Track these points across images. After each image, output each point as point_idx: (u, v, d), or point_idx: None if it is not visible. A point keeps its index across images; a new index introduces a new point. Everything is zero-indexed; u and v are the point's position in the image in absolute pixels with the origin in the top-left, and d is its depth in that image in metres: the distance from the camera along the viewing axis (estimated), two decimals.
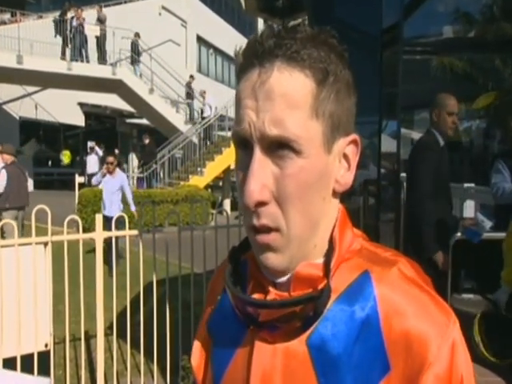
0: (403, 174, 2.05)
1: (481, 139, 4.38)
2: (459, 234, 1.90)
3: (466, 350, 0.32)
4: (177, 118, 10.05)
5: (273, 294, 0.35)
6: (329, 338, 0.33)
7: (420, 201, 1.75)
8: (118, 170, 4.25)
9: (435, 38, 2.89)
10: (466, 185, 3.18)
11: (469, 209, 3.08)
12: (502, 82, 3.92)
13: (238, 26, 17.21)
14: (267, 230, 0.33)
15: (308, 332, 0.33)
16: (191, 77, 10.74)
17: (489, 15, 3.37)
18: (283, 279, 0.35)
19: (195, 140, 8.59)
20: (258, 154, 0.32)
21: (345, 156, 0.35)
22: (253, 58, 0.33)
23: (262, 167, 0.32)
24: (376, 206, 1.65)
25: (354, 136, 0.36)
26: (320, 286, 0.33)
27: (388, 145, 1.94)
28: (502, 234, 1.89)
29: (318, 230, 0.35)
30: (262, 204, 0.32)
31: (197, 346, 0.43)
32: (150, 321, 1.83)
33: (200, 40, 15.99)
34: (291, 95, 0.32)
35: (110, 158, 4.12)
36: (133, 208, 4.28)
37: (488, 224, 1.83)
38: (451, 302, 1.90)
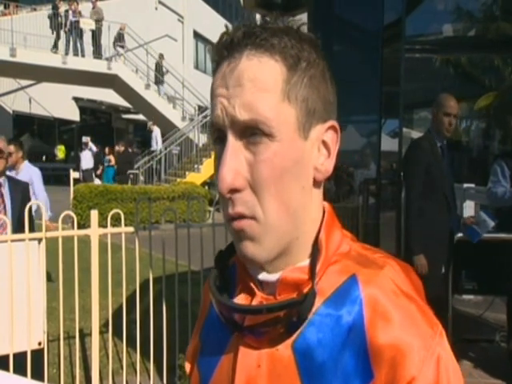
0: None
1: (481, 139, 4.42)
2: (460, 234, 1.90)
3: (454, 363, 0.31)
4: (173, 114, 9.96)
5: (259, 297, 0.35)
6: (314, 343, 0.32)
7: (409, 201, 1.77)
8: (25, 163, 2.98)
9: (435, 36, 2.89)
10: (465, 185, 3.20)
11: (468, 209, 3.11)
12: (502, 82, 3.94)
13: (235, 22, 17.03)
14: (243, 218, 0.32)
15: (294, 336, 0.33)
16: None
17: (489, 14, 3.37)
18: (269, 279, 0.35)
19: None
20: (231, 141, 0.32)
21: (324, 143, 0.34)
22: (223, 50, 0.33)
23: (234, 154, 0.32)
24: (376, 205, 1.65)
25: (332, 122, 0.35)
26: (305, 290, 0.33)
27: (386, 144, 1.93)
28: (502, 235, 1.89)
29: (300, 221, 0.34)
30: (235, 191, 0.32)
31: (190, 353, 0.43)
32: (146, 319, 1.82)
33: (197, 36, 15.84)
34: (260, 79, 0.31)
35: (10, 148, 2.61)
36: (46, 213, 2.54)
37: (490, 224, 1.83)
38: (452, 303, 1.90)
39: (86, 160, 8.69)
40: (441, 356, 0.29)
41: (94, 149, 8.99)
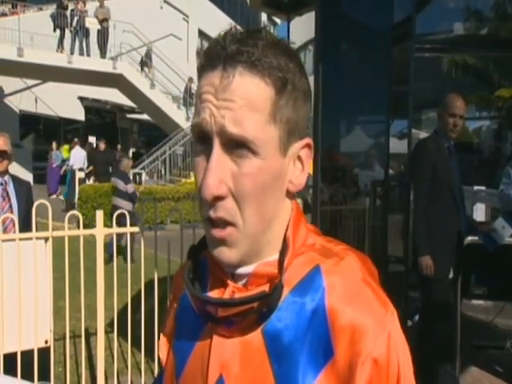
0: None
1: (492, 141, 4.34)
2: (470, 238, 1.86)
3: (403, 340, 0.35)
4: (178, 114, 9.98)
5: (231, 287, 0.38)
6: (282, 328, 0.35)
7: (414, 201, 1.75)
8: None
9: (446, 35, 2.84)
10: (476, 187, 3.14)
11: (479, 212, 3.05)
12: None
13: (240, 21, 17.04)
14: (223, 223, 0.35)
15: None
16: None
17: (501, 13, 3.30)
18: (241, 271, 0.37)
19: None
20: (217, 150, 0.34)
21: (299, 158, 0.38)
22: (216, 61, 0.34)
23: (220, 163, 0.34)
24: (384, 207, 1.62)
25: (307, 140, 0.38)
26: (274, 282, 0.36)
27: (395, 145, 1.89)
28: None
29: (271, 227, 0.37)
30: (219, 198, 0.34)
31: (164, 340, 0.45)
32: (151, 319, 1.81)
33: (202, 35, 15.85)
34: (251, 99, 0.34)
35: None
36: None
37: (509, 231, 1.79)
38: (461, 308, 1.86)
39: (76, 159, 7.79)
40: (391, 332, 0.34)
41: (83, 152, 7.84)
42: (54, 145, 9.10)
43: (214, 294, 0.39)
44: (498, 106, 3.95)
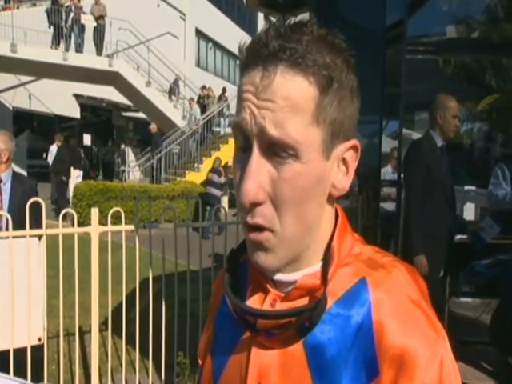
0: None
1: (482, 142, 4.42)
2: (459, 236, 1.90)
3: (455, 367, 0.33)
4: (174, 113, 9.94)
5: (272, 295, 0.36)
6: (325, 341, 0.34)
7: (409, 201, 1.78)
8: None
9: (438, 37, 2.88)
10: (466, 187, 3.21)
11: (469, 211, 3.11)
12: (506, 84, 3.93)
13: (238, 20, 17.01)
14: (260, 228, 0.34)
15: None
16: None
17: (493, 16, 3.36)
18: (282, 278, 0.36)
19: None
20: (256, 153, 0.33)
21: (343, 161, 0.35)
22: (256, 58, 0.33)
23: (259, 167, 0.32)
24: (376, 206, 1.65)
25: (354, 141, 0.36)
26: (317, 294, 0.34)
27: (388, 145, 1.92)
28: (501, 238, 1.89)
29: (312, 232, 0.35)
30: (257, 204, 0.33)
31: (202, 346, 0.45)
32: (145, 317, 1.82)
33: (199, 33, 15.79)
34: (293, 100, 0.32)
35: None
36: None
37: (496, 229, 1.83)
38: (449, 306, 1.90)
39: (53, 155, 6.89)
40: (443, 358, 0.31)
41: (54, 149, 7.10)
42: None
43: (253, 300, 0.37)
44: (483, 115, 4.04)
